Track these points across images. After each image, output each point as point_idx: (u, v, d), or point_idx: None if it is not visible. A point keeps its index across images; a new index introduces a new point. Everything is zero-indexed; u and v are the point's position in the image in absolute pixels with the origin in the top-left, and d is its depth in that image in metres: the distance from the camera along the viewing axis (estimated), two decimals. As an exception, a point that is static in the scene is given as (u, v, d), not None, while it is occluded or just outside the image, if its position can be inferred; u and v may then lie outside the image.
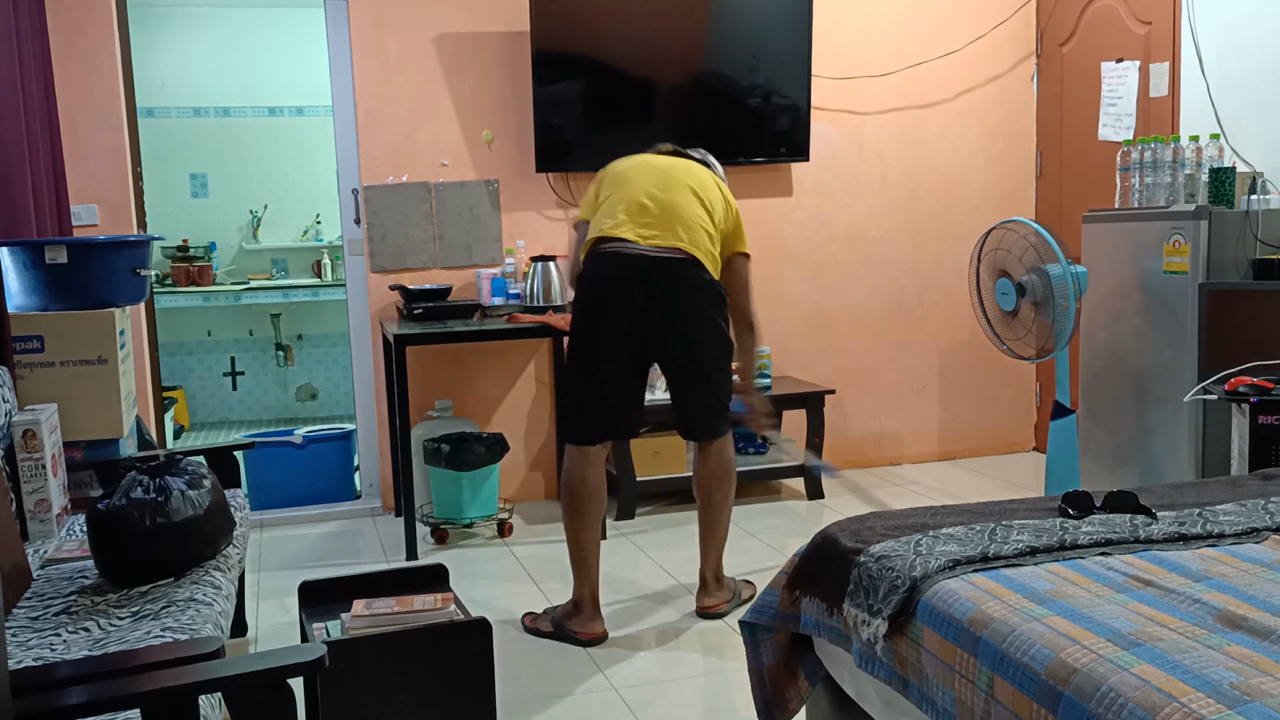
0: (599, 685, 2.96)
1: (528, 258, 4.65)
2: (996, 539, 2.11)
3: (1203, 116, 4.30)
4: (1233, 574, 1.90)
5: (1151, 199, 4.05)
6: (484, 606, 3.50)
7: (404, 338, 4.05)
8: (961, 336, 5.39)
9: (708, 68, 4.80)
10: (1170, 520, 2.20)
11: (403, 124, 4.66)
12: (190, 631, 2.15)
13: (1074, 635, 1.65)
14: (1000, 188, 5.37)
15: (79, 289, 3.15)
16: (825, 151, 5.11)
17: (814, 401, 4.70)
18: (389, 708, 2.33)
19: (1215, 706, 1.41)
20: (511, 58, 4.72)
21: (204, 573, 2.48)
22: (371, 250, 4.69)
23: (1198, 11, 4.33)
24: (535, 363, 4.87)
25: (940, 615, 1.85)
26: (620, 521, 4.48)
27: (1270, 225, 3.78)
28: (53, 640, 2.12)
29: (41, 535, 2.83)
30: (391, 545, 4.27)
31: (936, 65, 5.21)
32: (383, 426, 4.77)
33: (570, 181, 4.83)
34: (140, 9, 6.44)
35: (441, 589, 2.74)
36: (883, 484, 5.01)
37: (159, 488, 2.46)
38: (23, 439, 2.79)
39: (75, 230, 4.18)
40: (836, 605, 2.13)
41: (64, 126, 4.15)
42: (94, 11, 4.32)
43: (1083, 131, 5.00)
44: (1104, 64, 4.81)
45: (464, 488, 4.20)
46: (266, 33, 6.86)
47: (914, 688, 1.90)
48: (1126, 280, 4.05)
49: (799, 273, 5.16)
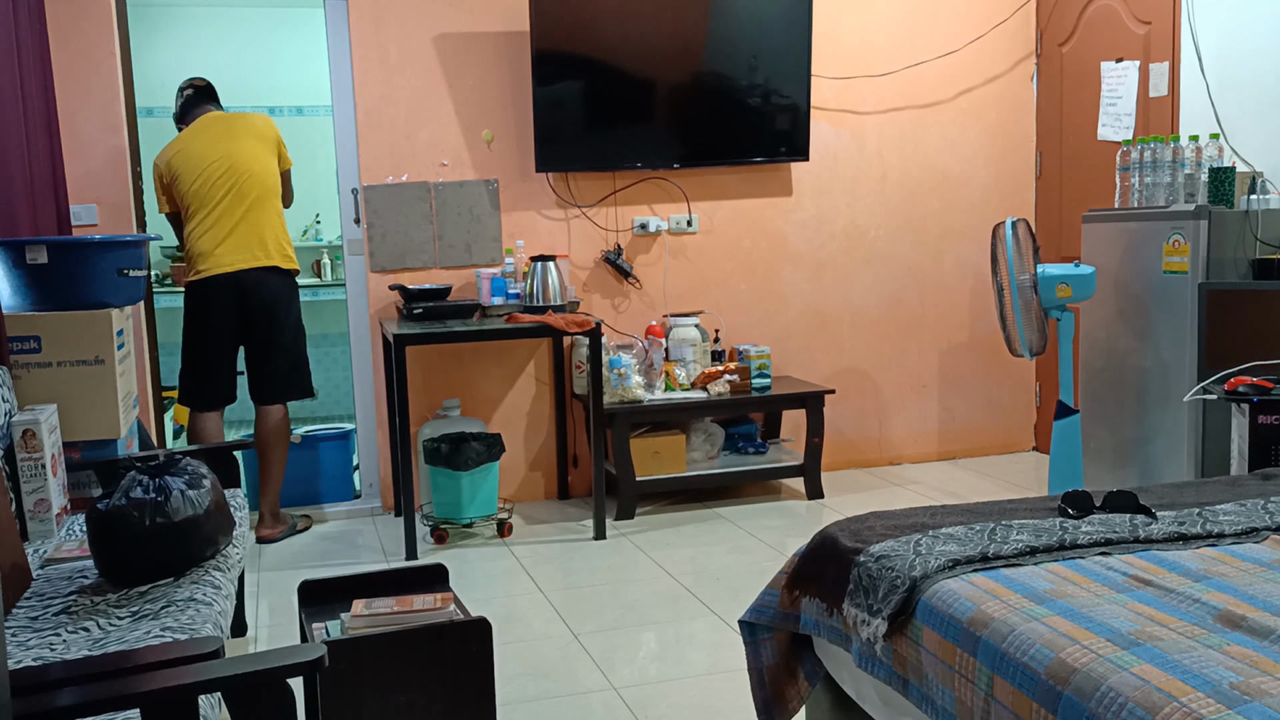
0: (599, 685, 2.96)
1: (527, 257, 4.65)
2: (996, 539, 2.11)
3: (1202, 116, 4.30)
4: (1233, 574, 1.90)
5: (1151, 199, 4.05)
6: (484, 606, 3.50)
7: (404, 337, 4.05)
8: (961, 336, 5.39)
9: (708, 68, 4.80)
10: (1170, 520, 2.20)
11: (403, 124, 4.66)
12: (190, 631, 2.14)
13: (1074, 635, 1.65)
14: (1000, 188, 5.37)
15: (62, 289, 3.15)
16: (825, 151, 5.11)
17: (814, 401, 4.70)
18: (389, 708, 2.33)
19: (1215, 706, 1.41)
20: (511, 58, 4.72)
21: (204, 573, 2.48)
22: (371, 250, 4.69)
23: (1198, 11, 4.33)
24: (535, 363, 4.87)
25: (940, 615, 1.85)
26: (620, 521, 4.48)
27: (1270, 225, 3.78)
28: (52, 640, 2.12)
29: (41, 535, 2.83)
30: (391, 545, 4.27)
31: (936, 65, 5.21)
32: (382, 426, 4.77)
33: (570, 181, 4.83)
34: (140, 9, 6.44)
35: (441, 589, 2.74)
36: (883, 484, 5.01)
37: (159, 488, 2.46)
38: (22, 439, 2.79)
39: (75, 230, 4.17)
40: (836, 605, 2.13)
41: (64, 126, 4.15)
42: (94, 11, 4.32)
43: (1082, 131, 5.00)
44: (1104, 64, 4.81)
45: (464, 488, 4.20)
46: (266, 33, 6.86)
47: (914, 688, 1.90)
48: (1126, 280, 4.05)
49: (799, 273, 5.16)
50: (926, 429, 5.41)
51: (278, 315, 4.26)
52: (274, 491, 4.35)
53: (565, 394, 4.88)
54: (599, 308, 4.91)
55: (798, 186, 5.12)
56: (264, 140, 4.25)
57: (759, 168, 5.03)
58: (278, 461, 4.32)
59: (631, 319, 4.96)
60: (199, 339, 4.24)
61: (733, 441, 4.89)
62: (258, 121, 4.29)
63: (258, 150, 4.22)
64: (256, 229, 4.19)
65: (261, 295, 4.21)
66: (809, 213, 5.15)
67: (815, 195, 5.15)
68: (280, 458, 4.33)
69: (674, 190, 4.94)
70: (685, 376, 4.70)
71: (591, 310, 4.88)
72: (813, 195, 5.14)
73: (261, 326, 4.25)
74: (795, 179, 5.11)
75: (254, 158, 4.20)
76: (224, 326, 4.22)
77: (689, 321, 4.83)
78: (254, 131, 4.24)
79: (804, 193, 5.13)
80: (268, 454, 4.29)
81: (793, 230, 5.13)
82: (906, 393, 5.37)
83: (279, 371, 4.31)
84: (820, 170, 5.12)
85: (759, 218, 5.07)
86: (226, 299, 4.18)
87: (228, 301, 4.19)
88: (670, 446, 4.57)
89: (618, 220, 4.91)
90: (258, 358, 4.30)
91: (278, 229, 4.27)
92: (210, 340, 4.23)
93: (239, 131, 4.22)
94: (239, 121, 4.27)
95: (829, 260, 5.20)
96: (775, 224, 5.10)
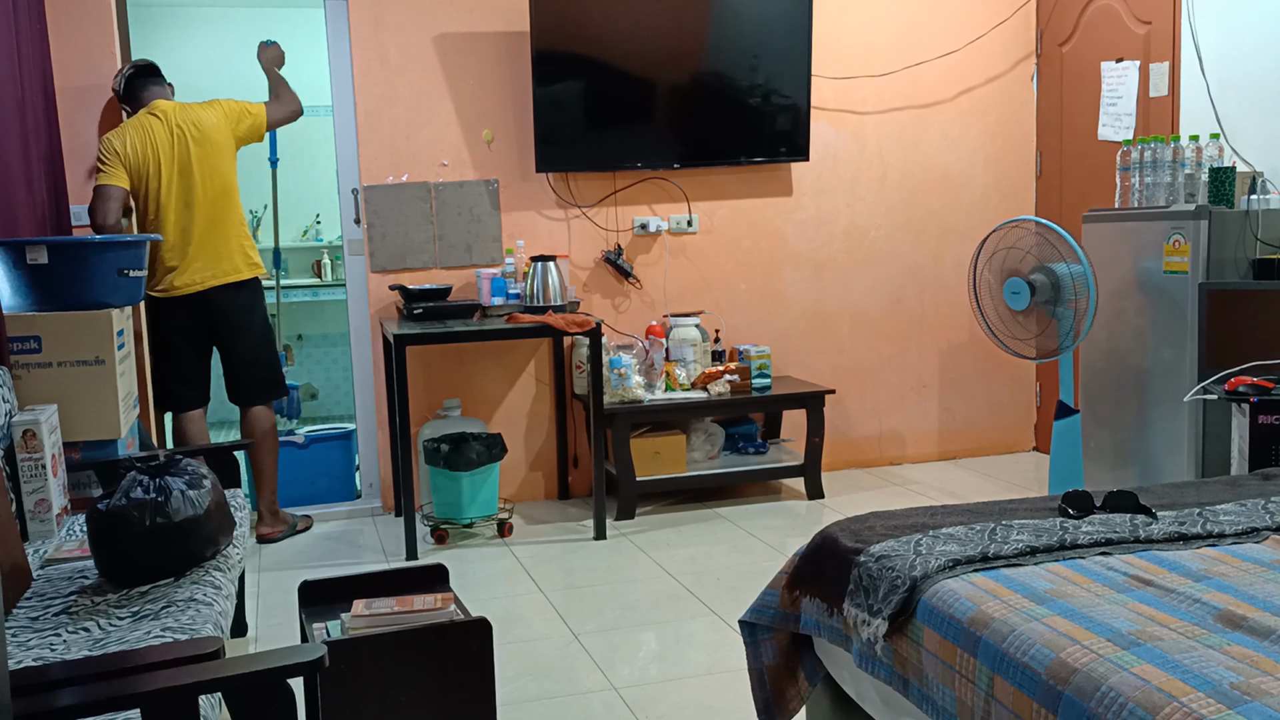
0: (599, 685, 2.96)
1: (527, 258, 4.65)
2: (996, 539, 2.11)
3: (1203, 116, 4.30)
4: (1233, 574, 1.90)
5: (1151, 199, 4.04)
6: (484, 606, 3.50)
7: (404, 338, 4.05)
8: (961, 336, 5.39)
9: (708, 68, 4.80)
10: (1170, 520, 2.20)
11: (403, 124, 4.66)
12: (190, 631, 2.14)
13: (1074, 635, 1.65)
14: (1000, 187, 5.37)
15: (62, 290, 3.14)
16: (825, 151, 5.11)
17: (814, 401, 4.70)
18: (389, 708, 2.33)
19: (1215, 706, 1.41)
20: (511, 58, 4.72)
21: (204, 573, 2.48)
22: (371, 250, 4.69)
23: (1198, 11, 4.33)
24: (535, 363, 4.87)
25: (940, 615, 1.85)
26: (620, 521, 4.48)
27: (1270, 225, 3.78)
28: (53, 640, 2.12)
29: (41, 535, 2.83)
30: (391, 545, 4.27)
31: (936, 65, 5.21)
32: (383, 426, 4.77)
33: (570, 181, 4.83)
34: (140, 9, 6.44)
35: (441, 589, 2.74)
36: (883, 484, 5.01)
37: (159, 488, 2.46)
38: (23, 439, 2.79)
39: (75, 230, 4.17)
40: (836, 605, 2.13)
41: (64, 126, 4.15)
42: (94, 11, 4.32)
43: (1083, 131, 5.00)
44: (1104, 64, 4.81)
45: (464, 488, 4.20)
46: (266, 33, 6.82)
47: (914, 688, 1.90)
48: (1126, 280, 4.05)
49: (799, 272, 5.16)
50: (926, 429, 5.41)
51: (242, 323, 4.20)
52: (270, 490, 4.35)
53: (565, 394, 4.88)
54: (599, 308, 4.91)
55: (798, 186, 5.12)
56: (217, 137, 4.10)
57: (759, 168, 5.03)
58: (268, 461, 4.33)
59: (632, 319, 4.96)
60: (166, 349, 4.19)
61: (733, 441, 4.89)
62: (207, 119, 4.11)
63: (212, 154, 4.08)
64: (216, 243, 4.09)
65: (224, 308, 4.15)
66: (809, 213, 5.15)
67: (815, 195, 5.15)
68: (270, 457, 4.34)
69: (674, 190, 4.94)
70: (685, 376, 4.70)
71: (592, 310, 4.88)
72: (813, 195, 5.14)
73: (227, 335, 4.20)
74: (795, 179, 5.11)
75: (211, 163, 4.08)
76: (189, 337, 4.17)
77: (689, 321, 4.83)
78: (206, 130, 4.08)
79: (804, 193, 5.13)
80: (257, 454, 4.31)
81: (793, 230, 5.13)
82: (906, 393, 5.37)
83: (254, 376, 4.27)
84: (820, 170, 5.12)
85: (759, 218, 5.07)
86: (187, 315, 4.13)
87: (189, 317, 4.13)
88: (670, 446, 4.57)
89: (618, 220, 4.91)
90: (230, 364, 4.26)
91: (240, 236, 4.16)
92: (178, 348, 4.18)
93: (192, 134, 4.05)
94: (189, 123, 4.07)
95: (829, 260, 5.20)
96: (775, 224, 5.10)
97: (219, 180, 4.11)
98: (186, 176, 4.05)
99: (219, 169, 4.11)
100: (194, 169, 4.05)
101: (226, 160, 4.14)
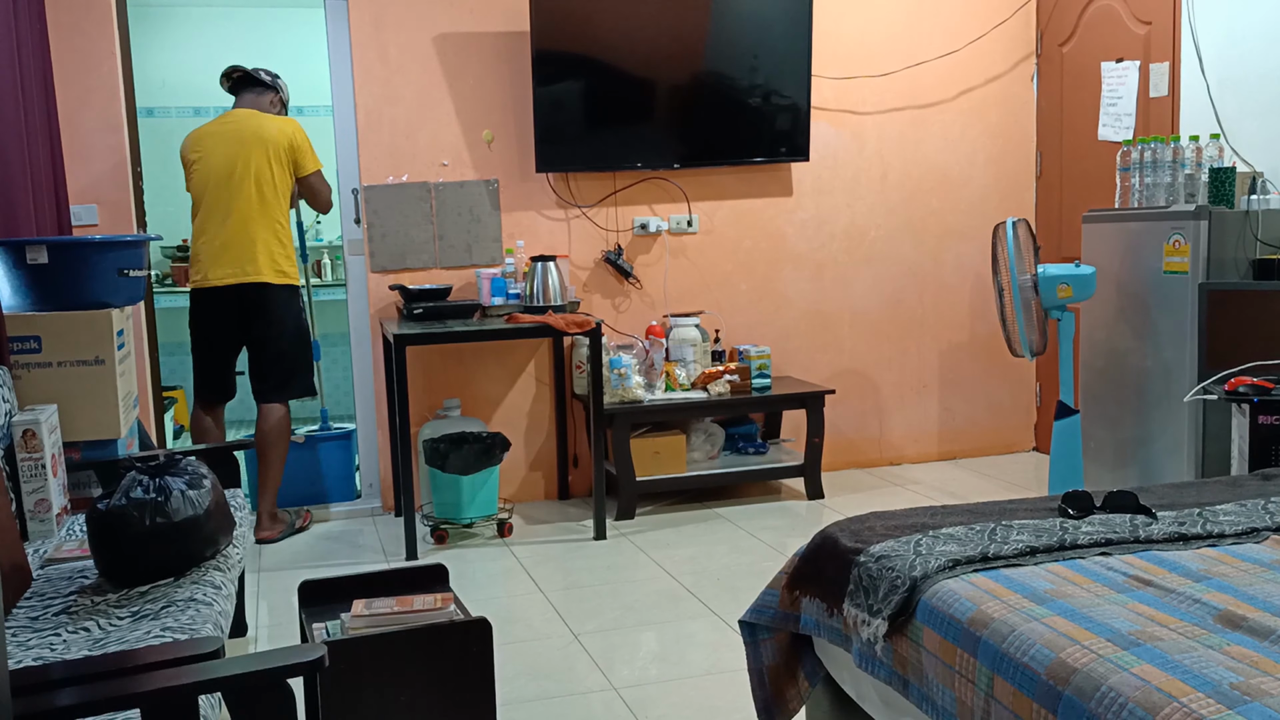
0: (599, 685, 2.96)
1: (528, 258, 4.65)
2: (996, 539, 2.11)
3: (1203, 116, 4.30)
4: (1233, 574, 1.90)
5: (1151, 199, 4.04)
6: (484, 606, 3.50)
7: (404, 338, 4.05)
8: (961, 336, 5.39)
9: (708, 68, 4.80)
10: (1170, 520, 2.20)
11: (403, 124, 4.66)
12: (190, 631, 2.14)
13: (1074, 635, 1.65)
14: (1000, 188, 5.37)
15: (63, 289, 3.14)
16: (825, 151, 5.11)
17: (814, 401, 4.70)
18: (389, 708, 2.33)
19: (1215, 706, 1.41)
20: (511, 58, 4.72)
21: (204, 573, 2.47)
22: (372, 250, 4.69)
23: (1198, 11, 4.33)
24: (535, 363, 4.87)
25: (940, 615, 1.85)
26: (620, 521, 4.48)
27: (1270, 225, 3.78)
28: (52, 640, 2.12)
29: (41, 535, 2.83)
30: (391, 545, 4.27)
31: (936, 65, 5.21)
32: (383, 426, 4.77)
33: (570, 181, 4.83)
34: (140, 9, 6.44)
35: (441, 589, 2.74)
36: (883, 484, 5.01)
37: (159, 488, 2.46)
38: (23, 439, 2.79)
39: (75, 230, 4.17)
40: (836, 605, 2.13)
41: (64, 126, 4.14)
42: (94, 11, 4.32)
43: (1083, 131, 5.00)
44: (1104, 64, 4.81)
45: (464, 488, 4.20)
46: (266, 33, 6.85)
47: (914, 688, 1.90)
48: (1126, 280, 4.05)
49: (799, 272, 5.16)
50: (926, 429, 5.41)
51: (273, 319, 4.26)
52: (272, 491, 4.37)
53: (565, 394, 4.88)
54: (599, 308, 4.91)
55: (798, 186, 5.12)
56: (271, 148, 4.20)
57: (759, 168, 5.03)
58: (277, 460, 4.34)
59: (632, 319, 4.96)
60: (200, 341, 4.33)
61: (733, 441, 4.89)
62: (270, 129, 4.23)
63: (260, 159, 4.18)
64: (244, 243, 4.17)
65: (254, 305, 4.23)
66: (809, 213, 5.15)
67: (815, 195, 5.15)
68: (280, 457, 4.35)
69: (674, 190, 4.94)
70: (685, 376, 4.70)
71: (592, 310, 4.88)
72: (813, 195, 5.14)
73: (257, 329, 4.27)
74: (795, 179, 5.11)
75: (255, 167, 4.18)
76: (221, 332, 4.28)
77: (689, 321, 4.83)
78: (263, 139, 4.20)
79: (804, 193, 5.13)
80: (267, 453, 4.32)
81: (793, 230, 5.13)
82: (906, 393, 5.37)
83: (277, 370, 4.32)
84: (820, 170, 5.12)
85: (759, 218, 5.07)
86: (220, 308, 4.24)
87: (222, 311, 4.25)
88: (670, 446, 4.57)
89: (618, 220, 4.91)
90: (256, 357, 4.32)
91: (270, 243, 4.21)
92: (212, 342, 4.31)
93: (249, 138, 4.18)
94: (250, 127, 4.22)
95: (829, 260, 5.20)
96: (775, 224, 5.10)
97: (260, 185, 4.21)
98: (231, 176, 4.18)
99: (264, 174, 4.21)
100: (240, 169, 4.18)
101: (271, 170, 4.23)
